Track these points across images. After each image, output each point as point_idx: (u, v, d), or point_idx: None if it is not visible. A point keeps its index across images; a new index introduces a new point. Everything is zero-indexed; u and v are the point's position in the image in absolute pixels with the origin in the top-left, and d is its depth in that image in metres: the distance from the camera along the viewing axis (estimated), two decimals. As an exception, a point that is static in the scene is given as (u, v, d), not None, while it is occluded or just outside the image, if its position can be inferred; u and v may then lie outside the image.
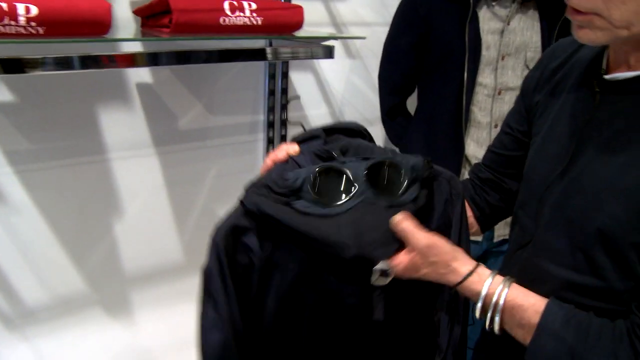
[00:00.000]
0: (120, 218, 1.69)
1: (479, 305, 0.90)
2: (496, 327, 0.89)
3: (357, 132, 1.08)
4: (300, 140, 1.04)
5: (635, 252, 0.80)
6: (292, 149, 1.00)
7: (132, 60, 1.22)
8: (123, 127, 1.62)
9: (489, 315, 0.89)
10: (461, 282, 0.90)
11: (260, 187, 0.94)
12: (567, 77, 1.01)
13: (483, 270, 0.92)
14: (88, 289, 1.70)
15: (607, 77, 0.89)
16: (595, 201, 0.85)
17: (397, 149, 1.98)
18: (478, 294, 0.90)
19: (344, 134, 1.07)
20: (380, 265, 0.90)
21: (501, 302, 0.88)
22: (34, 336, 1.64)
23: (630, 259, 0.81)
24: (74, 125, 1.55)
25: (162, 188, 1.75)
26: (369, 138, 1.10)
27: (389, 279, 0.92)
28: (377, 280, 0.91)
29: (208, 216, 1.82)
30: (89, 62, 1.15)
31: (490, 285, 0.89)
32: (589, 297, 0.87)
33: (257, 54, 1.43)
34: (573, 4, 0.82)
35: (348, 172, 0.94)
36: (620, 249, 0.82)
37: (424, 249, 0.90)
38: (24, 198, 1.53)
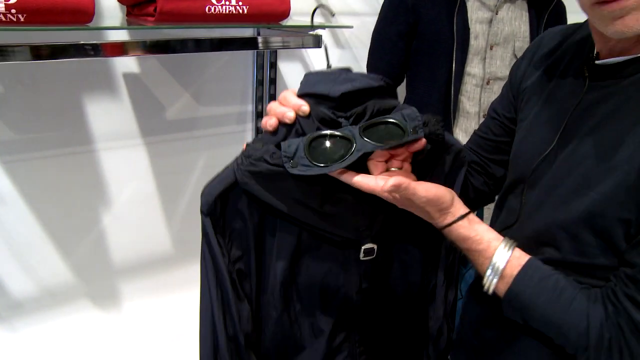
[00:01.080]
0: (107, 209, 1.69)
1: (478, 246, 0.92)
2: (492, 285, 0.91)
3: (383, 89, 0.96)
4: (311, 95, 0.93)
5: (621, 228, 0.81)
6: (302, 109, 0.91)
7: (123, 49, 1.20)
8: (110, 117, 1.61)
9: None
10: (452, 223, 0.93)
11: (257, 159, 0.90)
12: (556, 64, 1.01)
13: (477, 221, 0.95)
14: (75, 280, 1.69)
15: (598, 62, 0.89)
16: (584, 181, 0.86)
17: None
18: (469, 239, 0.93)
19: (368, 94, 0.95)
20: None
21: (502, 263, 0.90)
22: (21, 327, 1.64)
23: (616, 236, 0.82)
24: (60, 116, 1.54)
25: (149, 178, 1.74)
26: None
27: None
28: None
29: (196, 207, 1.79)
30: (73, 50, 1.14)
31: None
32: (573, 273, 0.88)
33: (247, 43, 1.42)
34: None
35: (342, 133, 0.90)
36: (607, 225, 0.82)
37: (427, 203, 0.91)
38: (9, 189, 1.52)
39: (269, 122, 0.92)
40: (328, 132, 0.89)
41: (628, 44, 0.85)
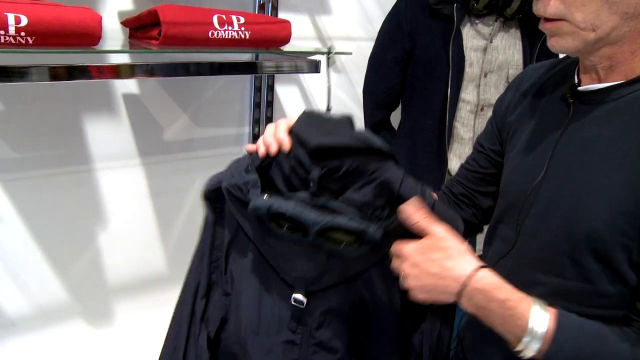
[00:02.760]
0: (104, 228, 1.69)
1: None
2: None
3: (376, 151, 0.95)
4: (295, 134, 0.95)
5: (622, 253, 0.82)
6: (283, 146, 0.94)
7: (122, 71, 1.22)
8: (109, 137, 1.62)
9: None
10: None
11: (233, 186, 0.99)
12: (541, 93, 1.05)
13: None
14: (70, 299, 1.69)
15: (580, 88, 0.93)
16: (579, 206, 0.87)
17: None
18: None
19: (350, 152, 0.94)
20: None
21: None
22: (14, 347, 1.63)
23: (618, 261, 0.83)
24: (60, 135, 1.55)
25: (146, 198, 1.75)
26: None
27: None
28: None
29: (192, 227, 1.81)
30: (78, 73, 1.16)
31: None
32: (577, 303, 0.88)
33: (248, 67, 1.45)
34: (539, 13, 0.88)
35: (301, 222, 0.92)
36: (608, 251, 0.83)
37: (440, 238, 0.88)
38: (7, 207, 1.52)
39: (260, 150, 0.98)
40: (290, 213, 0.91)
41: (601, 71, 0.90)
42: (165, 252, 1.83)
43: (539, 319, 0.82)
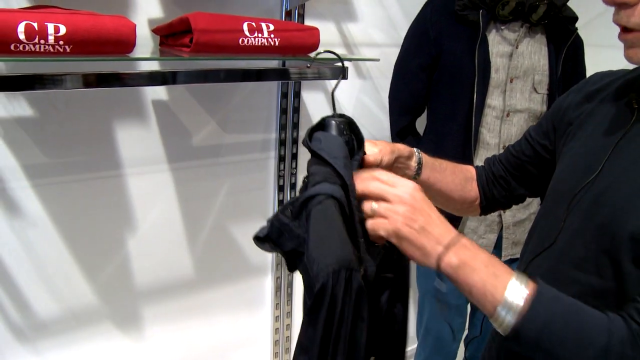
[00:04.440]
0: (133, 233, 1.72)
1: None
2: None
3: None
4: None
5: None
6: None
7: (156, 78, 1.25)
8: (138, 143, 1.65)
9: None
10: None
11: None
12: (604, 101, 1.04)
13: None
14: (100, 302, 1.72)
15: None
16: (626, 207, 0.87)
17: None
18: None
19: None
20: None
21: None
22: (44, 349, 1.66)
23: None
24: (91, 141, 1.58)
25: (175, 203, 1.77)
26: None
27: None
28: None
29: (220, 232, 1.84)
30: (112, 80, 1.18)
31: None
32: (614, 305, 0.87)
33: (278, 74, 1.47)
34: (622, 23, 0.86)
35: None
36: None
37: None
38: (40, 211, 1.55)
39: None
40: None
41: None
42: (192, 257, 1.85)
43: (517, 290, 0.82)
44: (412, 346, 2.49)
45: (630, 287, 0.85)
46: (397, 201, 0.88)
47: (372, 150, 1.05)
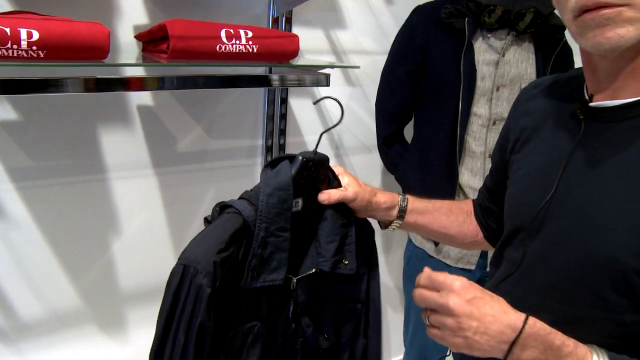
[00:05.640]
0: (118, 236, 1.73)
1: None
2: None
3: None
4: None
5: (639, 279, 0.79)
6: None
7: (141, 84, 1.25)
8: (123, 148, 1.66)
9: None
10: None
11: None
12: (547, 113, 1.01)
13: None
14: (84, 305, 1.72)
15: (592, 104, 0.88)
16: (597, 232, 0.83)
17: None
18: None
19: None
20: None
21: None
22: (28, 351, 1.67)
23: (635, 287, 0.79)
24: (76, 145, 1.59)
25: (160, 208, 1.78)
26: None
27: None
28: None
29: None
30: (93, 85, 1.19)
31: None
32: (590, 332, 0.84)
33: (257, 81, 1.47)
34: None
35: None
36: (628, 279, 0.80)
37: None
38: (24, 214, 1.57)
39: None
40: None
41: (618, 83, 0.84)
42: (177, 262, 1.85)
43: None
44: (398, 357, 2.49)
45: (616, 312, 0.82)
46: (443, 312, 0.86)
47: (347, 191, 1.16)
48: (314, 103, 1.34)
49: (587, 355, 0.80)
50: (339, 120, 1.17)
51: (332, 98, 1.17)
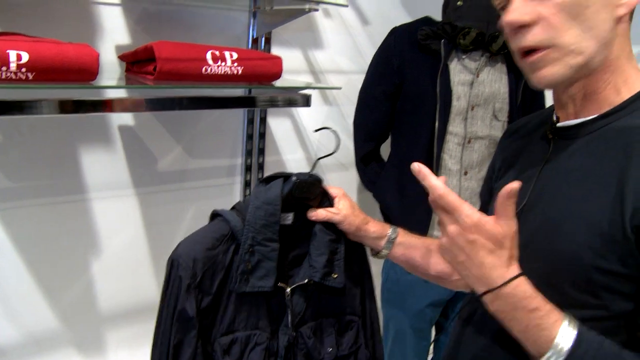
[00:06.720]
0: (97, 257, 1.71)
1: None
2: None
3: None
4: None
5: (599, 276, 0.84)
6: None
7: (120, 106, 1.26)
8: (104, 168, 1.66)
9: None
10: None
11: None
12: (525, 140, 1.11)
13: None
14: (62, 327, 1.70)
15: (559, 125, 0.98)
16: (559, 232, 0.90)
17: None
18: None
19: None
20: None
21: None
22: (5, 375, 1.64)
23: (597, 286, 0.85)
24: (55, 165, 1.58)
25: (140, 228, 1.77)
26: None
27: None
28: None
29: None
30: (74, 106, 1.19)
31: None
32: None
33: (241, 102, 1.50)
34: (525, 44, 0.89)
35: None
36: (587, 273, 0.85)
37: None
38: (2, 235, 1.54)
39: None
40: None
41: (577, 106, 0.95)
42: (158, 282, 1.84)
43: (566, 335, 0.82)
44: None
45: (576, 309, 0.87)
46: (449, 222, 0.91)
47: (335, 214, 1.28)
48: (315, 131, 1.38)
49: (558, 321, 0.84)
50: (335, 149, 1.30)
51: (330, 129, 1.30)
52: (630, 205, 0.82)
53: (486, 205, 1.22)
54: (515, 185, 0.83)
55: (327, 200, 1.30)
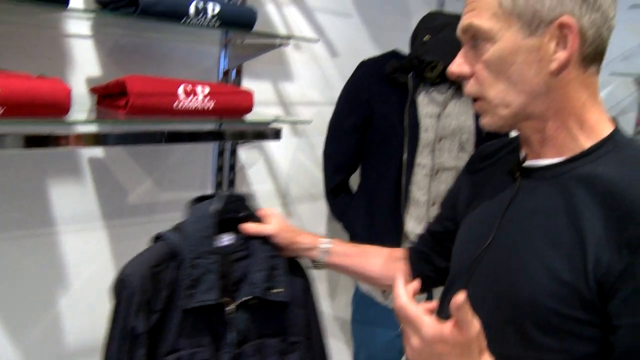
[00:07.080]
0: (65, 291, 1.68)
1: None
2: None
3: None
4: None
5: (561, 320, 0.85)
6: None
7: (91, 140, 1.27)
8: (73, 200, 1.64)
9: None
10: None
11: None
12: (491, 170, 1.12)
13: None
14: (28, 364, 1.67)
15: (525, 164, 1.00)
16: (522, 274, 0.91)
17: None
18: None
19: None
20: None
21: None
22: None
23: (559, 330, 0.86)
24: (23, 198, 1.56)
25: (109, 262, 1.75)
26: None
27: None
28: None
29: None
30: (41, 141, 1.20)
31: None
32: None
33: (213, 136, 1.52)
34: (466, 92, 0.96)
35: None
36: (548, 317, 0.86)
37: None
38: (-33, 271, 1.52)
39: None
40: None
41: (537, 149, 0.97)
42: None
43: None
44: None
45: (541, 352, 0.88)
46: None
47: (265, 227, 1.33)
48: (246, 123, 1.41)
49: None
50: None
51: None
52: (592, 255, 0.83)
53: (447, 220, 1.24)
54: (461, 297, 0.81)
55: (256, 218, 1.36)
